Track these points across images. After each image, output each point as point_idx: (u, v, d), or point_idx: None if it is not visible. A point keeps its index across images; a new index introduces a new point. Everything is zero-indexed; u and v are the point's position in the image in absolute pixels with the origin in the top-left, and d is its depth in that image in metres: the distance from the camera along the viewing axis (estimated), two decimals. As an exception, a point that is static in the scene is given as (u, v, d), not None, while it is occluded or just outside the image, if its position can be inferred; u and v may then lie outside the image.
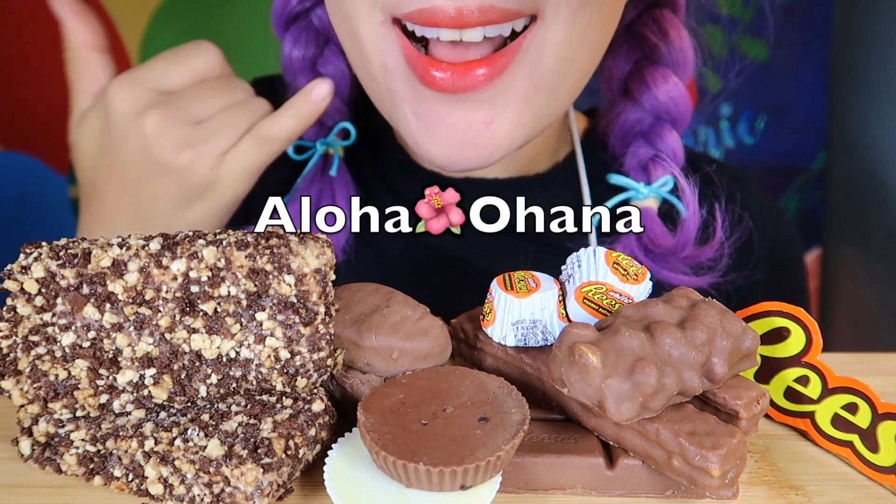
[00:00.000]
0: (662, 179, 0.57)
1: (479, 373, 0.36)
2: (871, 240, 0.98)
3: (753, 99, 1.07)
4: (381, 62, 0.47)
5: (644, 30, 0.58)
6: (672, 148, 0.57)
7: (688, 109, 0.58)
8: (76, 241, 0.35)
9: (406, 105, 0.47)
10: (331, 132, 0.58)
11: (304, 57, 0.58)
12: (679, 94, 0.57)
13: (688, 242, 0.55)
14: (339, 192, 0.57)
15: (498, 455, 0.31)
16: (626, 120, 0.59)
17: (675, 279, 0.55)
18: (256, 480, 0.31)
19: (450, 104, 0.46)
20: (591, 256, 0.38)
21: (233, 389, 0.35)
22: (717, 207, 0.55)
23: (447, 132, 0.46)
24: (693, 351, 0.33)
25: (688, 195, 0.55)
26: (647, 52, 0.58)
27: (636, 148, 0.58)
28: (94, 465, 0.35)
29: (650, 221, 0.55)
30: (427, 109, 0.46)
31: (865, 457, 0.36)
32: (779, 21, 1.04)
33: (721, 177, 0.59)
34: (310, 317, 0.34)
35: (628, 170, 0.58)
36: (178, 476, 0.33)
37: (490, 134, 0.46)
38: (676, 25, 0.57)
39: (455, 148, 0.47)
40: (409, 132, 0.48)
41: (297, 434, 0.33)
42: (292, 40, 0.58)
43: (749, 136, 1.08)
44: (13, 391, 0.34)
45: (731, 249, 0.56)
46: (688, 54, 0.57)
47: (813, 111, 1.07)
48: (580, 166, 0.59)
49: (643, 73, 0.58)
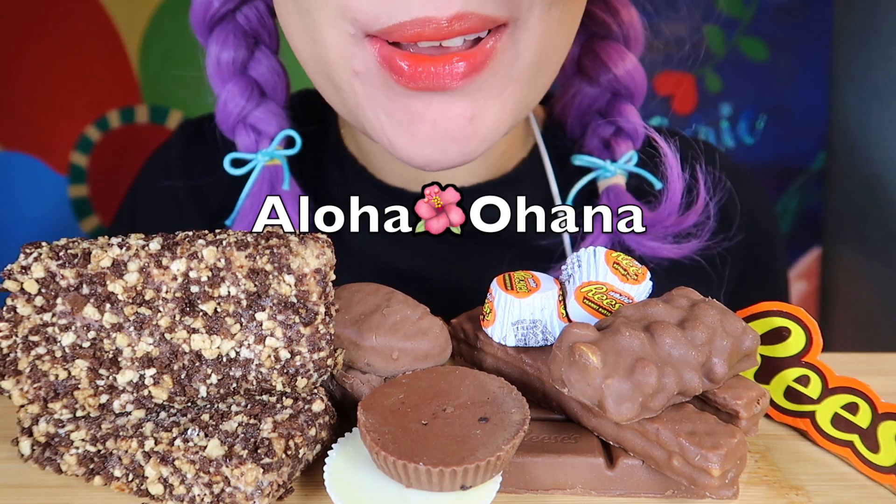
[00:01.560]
0: (627, 155, 0.56)
1: (479, 373, 0.36)
2: (870, 240, 0.98)
3: (753, 99, 1.07)
4: (348, 67, 0.45)
5: (593, 8, 0.57)
6: (633, 123, 0.56)
7: (643, 82, 0.57)
8: (76, 241, 0.35)
9: (378, 107, 0.45)
10: (273, 141, 0.53)
11: (233, 60, 0.54)
12: (633, 68, 0.56)
13: (673, 210, 0.53)
14: (291, 209, 0.51)
15: (498, 455, 0.31)
16: (582, 99, 0.58)
17: (660, 249, 0.53)
18: (256, 480, 0.31)
19: (427, 99, 0.44)
20: (591, 256, 0.38)
21: (233, 389, 0.35)
22: (698, 169, 0.53)
23: (428, 129, 0.44)
24: (693, 351, 0.33)
25: (670, 158, 0.53)
26: (597, 29, 0.57)
27: (596, 126, 0.57)
28: (94, 465, 0.35)
29: (622, 198, 0.54)
30: (404, 108, 0.44)
31: (865, 457, 0.36)
32: (779, 21, 1.04)
33: (697, 141, 0.59)
34: (310, 317, 0.34)
35: (591, 149, 0.57)
36: (178, 476, 0.33)
37: (472, 129, 0.45)
38: (624, 2, 0.57)
39: (437, 144, 0.45)
40: (382, 135, 0.46)
41: (297, 434, 0.33)
42: (219, 43, 0.54)
43: (749, 136, 1.08)
44: (13, 391, 0.34)
45: (715, 210, 0.54)
46: (638, 28, 0.57)
47: (813, 111, 1.07)
48: (545, 158, 0.58)
49: (596, 50, 0.57)
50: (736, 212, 0.59)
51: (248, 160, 0.53)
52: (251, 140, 0.54)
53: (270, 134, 0.54)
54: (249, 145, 0.54)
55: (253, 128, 0.54)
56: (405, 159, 0.46)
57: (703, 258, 0.55)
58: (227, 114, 0.54)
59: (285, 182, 0.53)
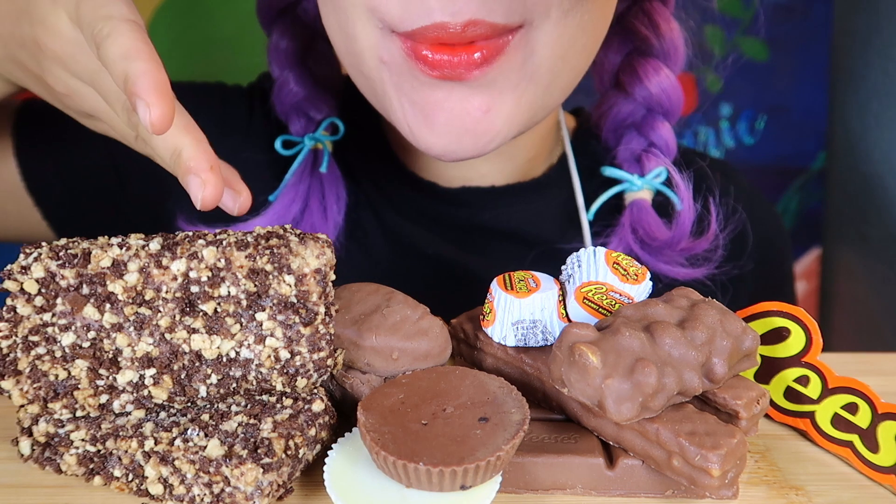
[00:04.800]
0: (656, 171, 0.57)
1: (479, 373, 0.36)
2: (870, 240, 0.98)
3: (753, 99, 1.07)
4: (377, 56, 0.47)
5: (634, 22, 0.58)
6: (665, 139, 0.57)
7: (679, 100, 0.58)
8: (76, 241, 0.35)
9: (403, 97, 0.47)
10: (319, 127, 0.57)
11: (291, 49, 0.58)
12: (670, 86, 0.57)
13: (683, 235, 0.55)
14: (328, 190, 0.56)
15: (498, 455, 0.31)
16: (618, 112, 0.59)
17: (671, 272, 0.55)
18: (256, 480, 0.31)
19: (447, 90, 0.46)
20: (591, 256, 0.38)
21: (233, 389, 0.35)
22: (710, 201, 0.55)
23: (445, 120, 0.46)
24: (693, 351, 0.33)
25: (682, 190, 0.55)
26: (638, 44, 0.58)
27: (629, 140, 0.58)
28: (94, 465, 0.35)
29: (645, 214, 0.55)
30: (424, 98, 0.46)
31: (865, 457, 0.36)
32: (779, 21, 1.04)
33: (714, 171, 0.60)
34: (310, 317, 0.34)
35: (622, 162, 0.58)
36: (178, 476, 0.33)
37: (487, 122, 0.46)
38: (667, 17, 0.57)
39: (453, 136, 0.46)
40: (404, 123, 0.48)
41: (297, 434, 0.33)
42: (279, 33, 0.58)
43: (749, 136, 1.08)
44: (13, 391, 0.34)
45: (726, 241, 0.56)
46: (678, 45, 0.57)
47: (813, 111, 1.07)
48: (572, 168, 0.60)
49: (634, 65, 0.58)
50: (748, 242, 0.61)
51: (296, 142, 0.57)
52: (301, 125, 0.57)
53: (318, 119, 0.58)
54: (298, 129, 0.57)
55: (305, 114, 0.58)
56: (423, 148, 0.48)
57: (713, 283, 0.56)
58: (281, 98, 0.58)
59: (324, 165, 0.56)
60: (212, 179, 0.35)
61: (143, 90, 0.33)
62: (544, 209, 0.59)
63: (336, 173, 0.57)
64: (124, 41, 0.34)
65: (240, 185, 0.40)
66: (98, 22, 0.35)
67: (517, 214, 0.59)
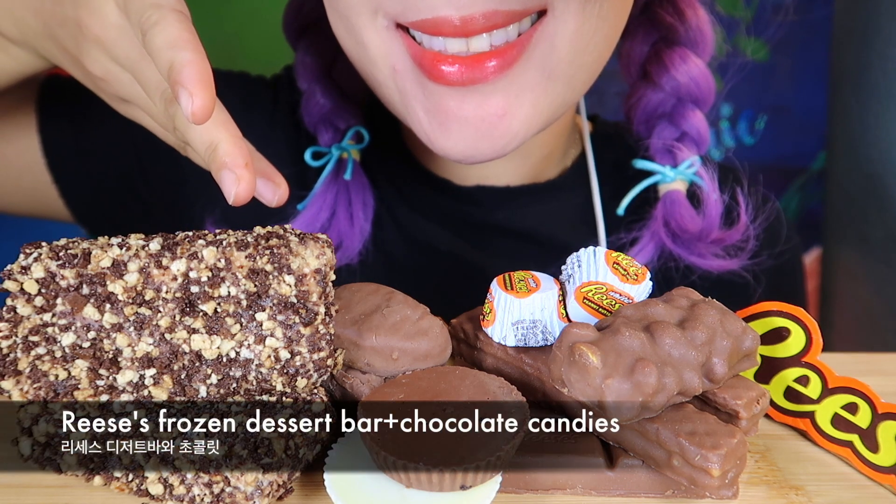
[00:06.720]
0: (689, 160, 0.56)
1: (479, 373, 0.36)
2: (870, 240, 0.98)
3: (753, 99, 1.07)
4: (389, 65, 0.47)
5: (659, 11, 0.57)
6: (697, 128, 0.56)
7: (710, 88, 0.57)
8: (76, 241, 0.35)
9: (417, 104, 0.47)
10: (344, 136, 0.58)
11: (317, 64, 0.58)
12: (700, 74, 0.56)
13: (713, 226, 0.54)
14: (354, 197, 0.57)
15: (498, 455, 0.31)
16: (647, 103, 0.58)
17: (704, 263, 0.54)
18: (256, 480, 0.31)
19: (461, 97, 0.45)
20: (591, 256, 0.38)
21: (233, 389, 0.35)
22: (738, 192, 0.54)
23: (460, 127, 0.46)
24: (693, 351, 0.33)
25: (707, 182, 0.54)
26: (665, 33, 0.57)
27: (661, 130, 0.57)
28: (94, 465, 0.35)
29: (678, 206, 0.55)
30: (438, 106, 0.46)
31: (865, 457, 0.36)
32: (779, 21, 1.04)
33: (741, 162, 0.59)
34: (310, 317, 0.34)
35: (654, 153, 0.57)
36: (178, 476, 0.33)
37: (504, 126, 0.46)
38: (692, 4, 0.56)
39: (469, 142, 0.46)
40: (421, 130, 0.48)
41: (296, 434, 0.33)
42: (306, 48, 0.58)
43: (749, 136, 1.08)
44: (13, 391, 0.34)
45: (758, 231, 0.55)
46: (706, 32, 0.56)
47: (813, 111, 1.07)
48: (590, 168, 0.59)
49: (661, 55, 0.57)
50: (781, 233, 0.60)
51: (325, 153, 0.57)
52: (329, 136, 0.58)
53: (344, 129, 0.58)
54: (327, 140, 0.58)
55: (332, 125, 0.58)
56: (442, 153, 0.48)
57: (749, 273, 0.56)
58: (309, 110, 0.58)
59: (348, 172, 0.56)
60: (246, 176, 0.35)
61: (187, 79, 0.33)
62: (559, 211, 0.59)
63: (363, 180, 0.57)
64: (172, 30, 0.34)
65: (277, 177, 0.41)
66: (147, 9, 0.35)
67: (532, 215, 0.58)
